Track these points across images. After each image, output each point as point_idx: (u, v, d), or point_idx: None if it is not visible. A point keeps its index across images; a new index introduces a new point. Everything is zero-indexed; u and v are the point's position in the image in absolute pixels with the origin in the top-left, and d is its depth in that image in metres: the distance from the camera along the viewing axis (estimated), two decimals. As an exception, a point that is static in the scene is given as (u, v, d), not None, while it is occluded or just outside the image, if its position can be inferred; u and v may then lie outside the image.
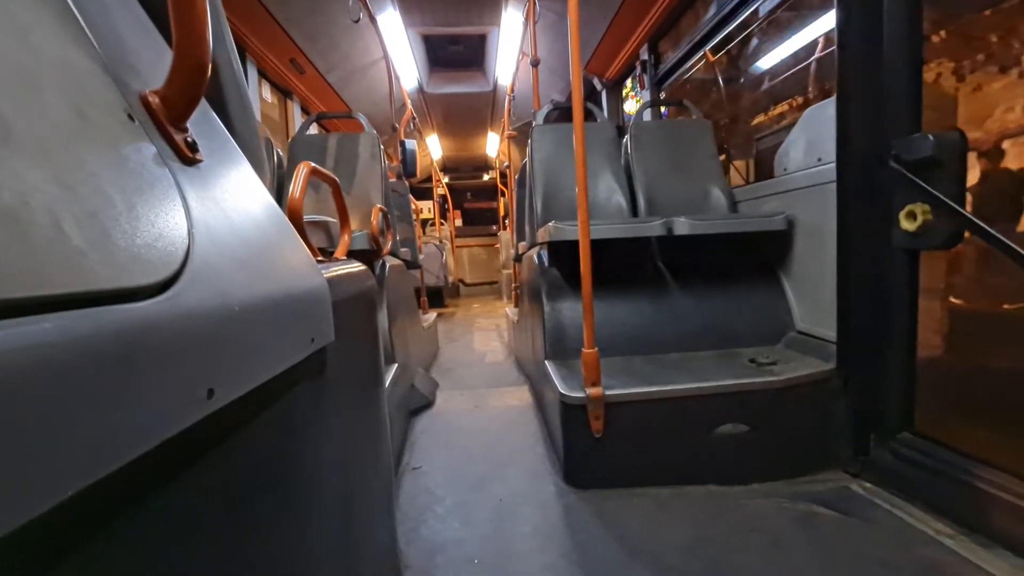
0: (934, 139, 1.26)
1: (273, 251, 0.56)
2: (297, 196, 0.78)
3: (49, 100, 0.32)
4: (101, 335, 0.25)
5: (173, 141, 0.44)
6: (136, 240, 0.32)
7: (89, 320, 0.25)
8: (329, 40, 3.21)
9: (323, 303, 0.64)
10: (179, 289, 0.33)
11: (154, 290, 0.31)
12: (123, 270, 0.29)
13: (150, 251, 0.33)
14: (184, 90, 0.45)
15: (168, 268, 0.33)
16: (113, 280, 0.28)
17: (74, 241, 0.27)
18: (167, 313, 0.31)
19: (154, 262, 0.33)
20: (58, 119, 0.32)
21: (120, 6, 0.51)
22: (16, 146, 0.27)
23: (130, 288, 0.29)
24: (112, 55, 0.43)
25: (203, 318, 0.35)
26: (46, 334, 0.22)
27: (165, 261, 0.34)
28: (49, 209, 0.26)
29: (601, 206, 2.23)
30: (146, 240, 0.33)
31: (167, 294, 0.32)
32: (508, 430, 1.88)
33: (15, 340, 0.20)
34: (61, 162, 0.30)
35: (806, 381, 1.50)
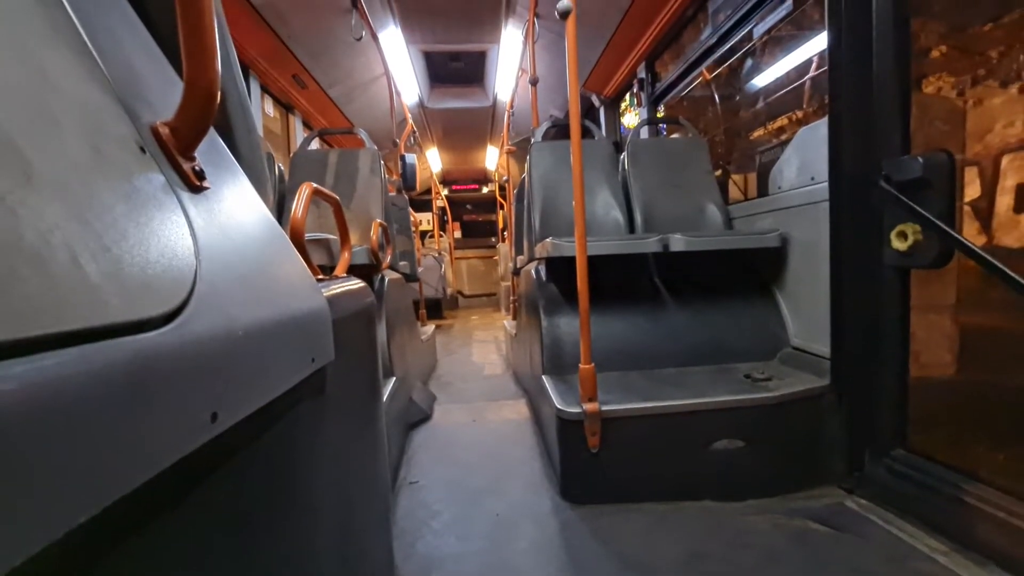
0: (923, 160, 1.29)
1: (275, 273, 0.58)
2: (299, 216, 0.80)
3: (68, 137, 0.34)
4: (112, 368, 0.27)
5: (182, 170, 0.46)
6: (147, 271, 0.34)
7: (101, 354, 0.26)
8: (331, 56, 3.26)
9: (323, 322, 0.66)
10: (186, 317, 0.35)
11: (163, 319, 0.33)
12: (134, 301, 0.31)
13: (159, 281, 0.34)
14: (193, 122, 0.47)
15: (176, 297, 0.35)
16: (125, 312, 0.30)
17: (90, 276, 0.28)
18: (174, 342, 0.33)
19: (163, 292, 0.34)
20: (76, 155, 0.34)
21: (131, 37, 0.54)
22: (38, 185, 0.28)
23: (140, 320, 0.30)
24: (124, 87, 0.45)
25: (208, 345, 0.37)
26: (61, 368, 0.23)
27: (173, 290, 0.35)
28: (68, 245, 0.28)
29: (599, 222, 2.26)
30: (156, 270, 0.35)
31: (175, 323, 0.34)
32: (505, 444, 1.89)
33: (30, 376, 0.22)
34: (79, 197, 0.32)
35: (800, 397, 1.51)
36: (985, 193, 2.08)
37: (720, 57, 2.78)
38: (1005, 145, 1.88)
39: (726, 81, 3.25)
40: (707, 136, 3.52)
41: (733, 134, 3.16)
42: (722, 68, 3.01)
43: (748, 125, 2.94)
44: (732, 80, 3.19)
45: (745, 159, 3.03)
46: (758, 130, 2.99)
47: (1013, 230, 1.80)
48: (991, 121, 2.04)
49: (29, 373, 0.22)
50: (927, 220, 1.26)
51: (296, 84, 3.40)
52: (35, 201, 0.28)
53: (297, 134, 3.88)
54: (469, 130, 5.88)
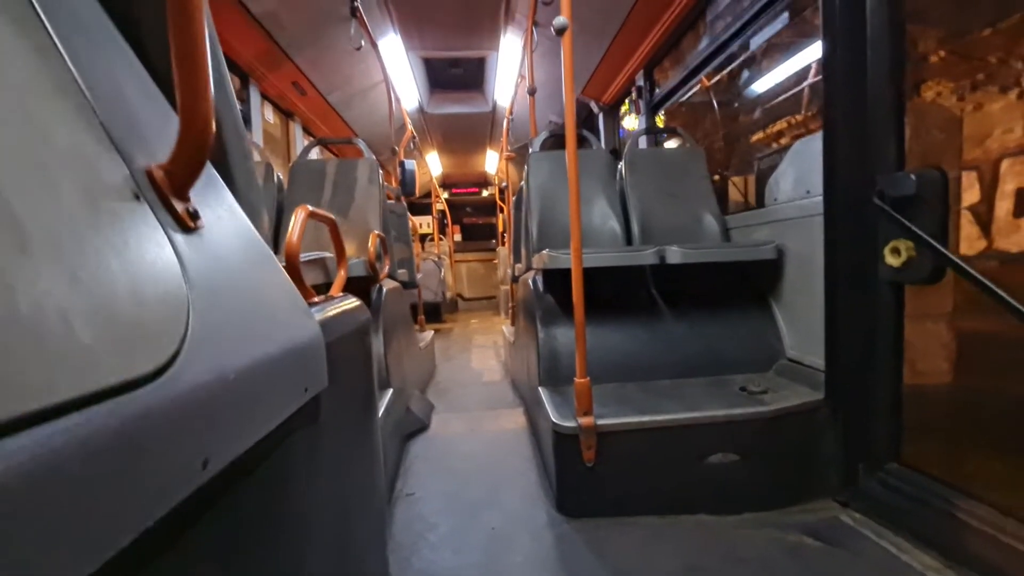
0: (916, 178, 1.30)
1: (268, 305, 0.59)
2: (294, 240, 0.81)
3: (62, 193, 0.35)
4: (102, 433, 0.27)
5: (176, 213, 0.47)
6: (140, 324, 0.34)
7: (91, 422, 0.27)
8: (330, 64, 3.27)
9: (317, 350, 0.67)
10: (177, 368, 0.36)
11: (154, 373, 0.34)
12: (126, 359, 0.32)
13: (152, 333, 0.35)
14: (188, 164, 0.48)
15: (168, 349, 0.36)
16: (117, 372, 0.30)
17: (83, 339, 0.29)
18: (166, 395, 0.33)
19: (155, 344, 0.35)
20: (71, 212, 0.34)
21: (126, 73, 0.54)
22: (34, 253, 0.29)
23: (132, 379, 0.31)
24: (119, 128, 0.46)
25: (199, 393, 0.37)
26: (50, 442, 0.24)
27: (165, 341, 0.36)
28: (62, 311, 0.29)
29: (596, 232, 2.27)
30: (149, 323, 0.35)
31: (166, 375, 0.34)
32: (502, 455, 1.89)
33: (17, 456, 0.22)
34: (73, 258, 0.32)
35: (795, 411, 1.52)
36: (984, 198, 2.09)
37: (719, 65, 2.79)
38: (1004, 150, 1.88)
39: (725, 88, 3.27)
40: (707, 140, 3.55)
41: (733, 139, 3.18)
42: (721, 75, 3.02)
43: (747, 130, 2.95)
44: (731, 87, 3.20)
45: (744, 163, 3.04)
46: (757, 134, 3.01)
47: (1013, 235, 1.80)
48: (990, 126, 2.05)
49: (16, 452, 0.23)
50: (920, 237, 1.27)
51: (296, 91, 3.41)
52: (30, 271, 0.28)
53: (297, 140, 3.90)
54: (469, 135, 5.90)
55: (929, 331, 1.66)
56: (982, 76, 2.07)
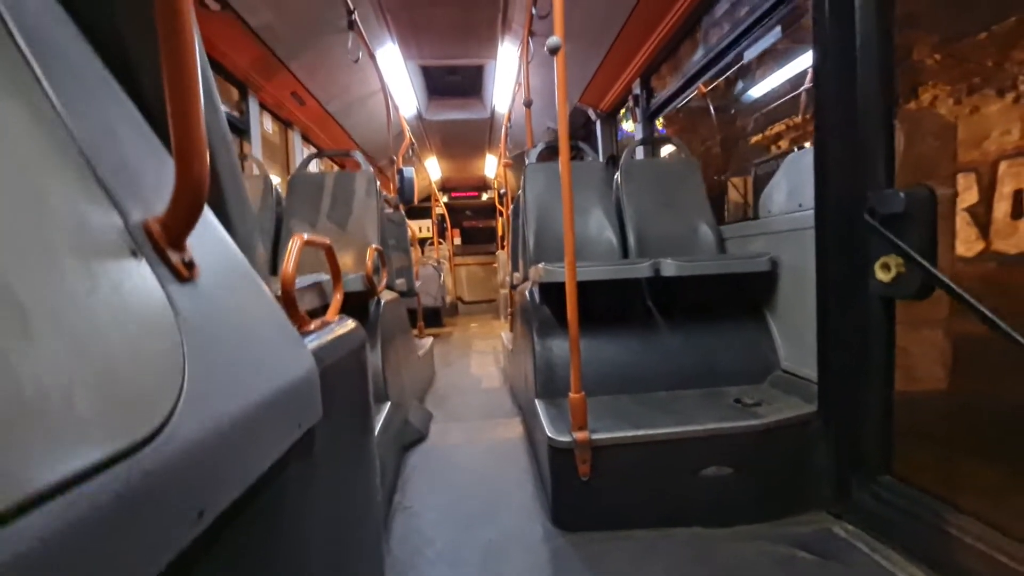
0: (905, 196, 1.31)
1: (263, 344, 0.60)
2: (290, 270, 0.82)
3: (59, 259, 0.36)
4: (101, 503, 0.29)
5: (172, 264, 0.49)
6: (136, 387, 0.36)
7: (86, 497, 0.28)
8: (328, 74, 3.30)
9: (311, 384, 0.68)
10: (173, 426, 0.37)
11: (151, 435, 0.35)
12: (124, 425, 0.33)
13: (149, 394, 0.37)
14: (184, 217, 0.49)
15: (164, 408, 0.38)
16: (114, 440, 0.32)
17: (82, 413, 0.31)
18: (162, 455, 0.35)
19: (152, 405, 0.37)
20: (68, 278, 0.36)
21: (121, 120, 0.56)
22: (31, 324, 0.31)
23: (128, 446, 0.33)
24: (115, 181, 0.47)
25: (195, 448, 0.39)
26: (47, 523, 0.26)
27: (162, 401, 0.38)
28: (62, 385, 0.31)
29: (592, 242, 2.28)
30: (145, 384, 0.37)
31: (162, 435, 0.36)
32: (500, 466, 1.91)
33: (14, 544, 0.24)
34: (71, 326, 0.34)
35: (788, 424, 1.53)
36: (983, 200, 2.10)
37: (715, 74, 2.81)
38: (1002, 152, 1.89)
39: (722, 93, 3.29)
40: (704, 145, 3.57)
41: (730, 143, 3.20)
42: (718, 81, 3.04)
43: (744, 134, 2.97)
44: (728, 92, 3.22)
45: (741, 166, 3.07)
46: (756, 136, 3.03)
47: (1011, 236, 1.82)
48: (988, 128, 2.06)
49: (13, 538, 0.24)
50: (908, 255, 1.29)
51: (294, 100, 3.43)
52: (29, 348, 0.30)
53: (296, 148, 3.92)
54: (468, 140, 5.92)
55: (925, 337, 1.67)
56: (979, 79, 2.09)
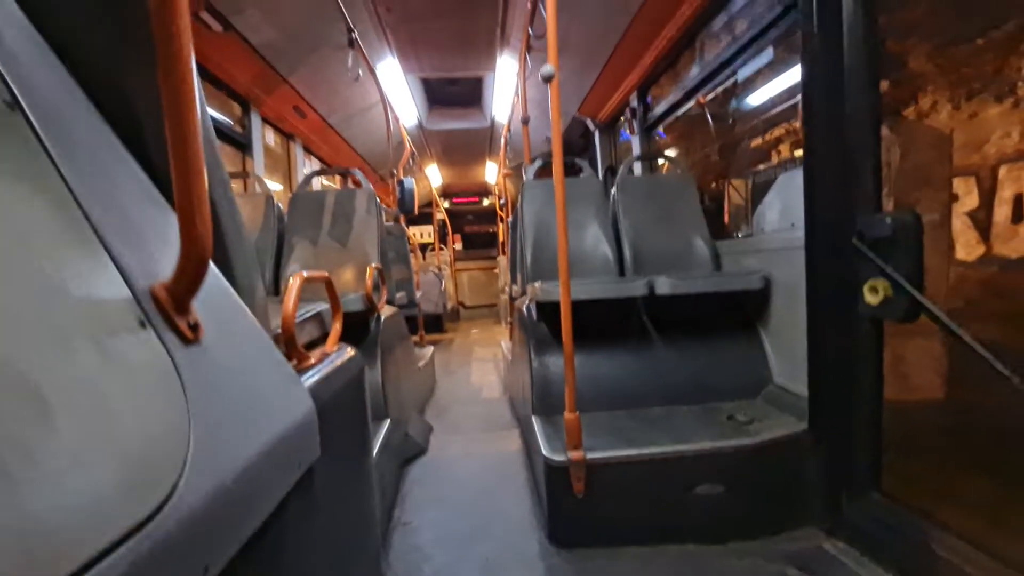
0: (891, 221, 1.34)
1: (263, 394, 0.64)
2: (290, 309, 0.86)
3: (73, 343, 0.40)
4: None
5: (178, 328, 0.52)
6: (144, 461, 0.39)
7: (104, 571, 0.32)
8: (329, 88, 3.34)
9: (309, 425, 0.72)
10: (179, 497, 0.41)
11: (158, 507, 0.39)
12: (134, 500, 0.37)
13: (156, 465, 0.40)
14: (188, 282, 0.52)
15: (170, 479, 0.41)
16: (125, 516, 0.35)
17: (97, 492, 0.34)
18: (169, 523, 0.39)
19: (159, 478, 0.40)
20: (83, 362, 0.40)
21: (127, 182, 0.59)
22: (48, 411, 0.34)
23: (138, 521, 0.36)
24: (122, 247, 0.50)
25: (200, 511, 0.42)
26: None
27: (168, 473, 0.41)
28: (76, 467, 0.34)
29: (588, 257, 2.32)
30: (152, 456, 0.40)
31: (168, 505, 0.39)
32: (498, 481, 1.94)
33: None
34: (84, 405, 0.37)
35: (779, 442, 1.56)
36: (983, 203, 2.12)
37: (712, 85, 2.84)
38: (1002, 155, 1.92)
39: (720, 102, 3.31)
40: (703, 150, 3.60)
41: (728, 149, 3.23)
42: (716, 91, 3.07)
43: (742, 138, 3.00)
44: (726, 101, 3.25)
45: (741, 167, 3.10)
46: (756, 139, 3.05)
47: (1011, 240, 1.84)
48: (987, 132, 2.08)
49: None
50: (895, 280, 1.32)
51: (296, 114, 3.48)
52: (49, 437, 0.33)
53: (298, 159, 3.97)
54: (468, 148, 5.97)
55: (920, 346, 1.70)
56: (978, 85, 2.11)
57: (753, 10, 2.37)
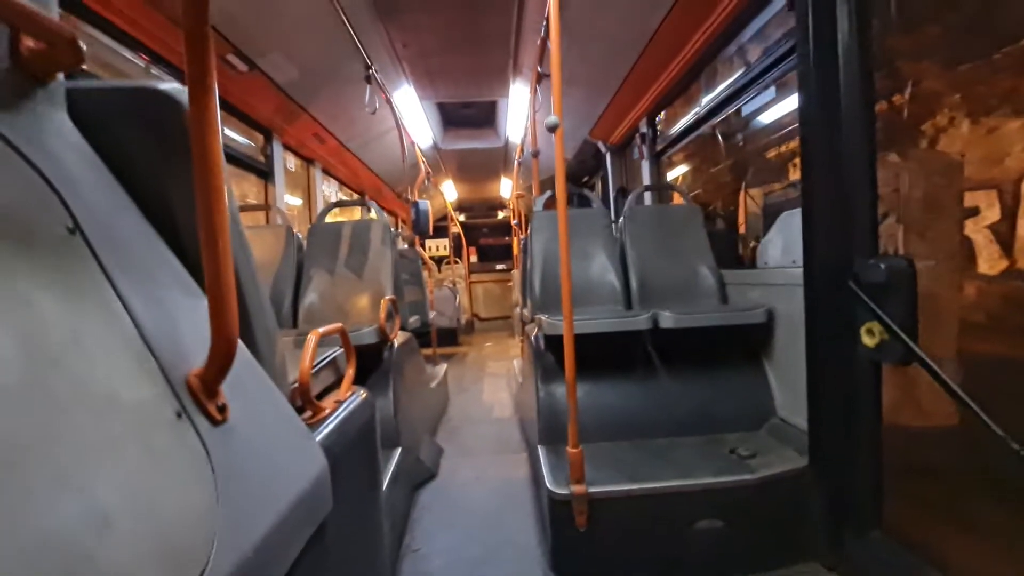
0: (885, 267, 1.38)
1: (282, 460, 0.71)
2: (307, 366, 0.93)
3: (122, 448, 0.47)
4: None
5: (208, 410, 0.60)
6: (179, 544, 0.47)
7: None
8: (348, 116, 3.47)
9: (323, 481, 0.79)
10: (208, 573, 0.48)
11: None
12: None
13: (189, 548, 0.48)
14: (218, 369, 0.60)
15: (200, 560, 0.48)
16: None
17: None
18: None
19: (192, 560, 0.47)
20: (131, 465, 0.47)
21: (166, 276, 0.67)
22: (113, 523, 0.42)
23: None
24: (162, 343, 0.58)
25: None
26: None
27: (198, 555, 0.48)
28: (123, 560, 0.41)
29: (595, 288, 2.37)
30: (185, 540, 0.48)
31: None
32: (506, 508, 2.00)
33: None
34: (131, 506, 0.45)
35: (781, 478, 1.59)
36: (1005, 216, 2.11)
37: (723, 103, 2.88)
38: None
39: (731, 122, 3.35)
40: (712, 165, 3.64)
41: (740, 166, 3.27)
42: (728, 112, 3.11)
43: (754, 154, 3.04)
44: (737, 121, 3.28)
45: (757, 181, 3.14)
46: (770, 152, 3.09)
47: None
48: (1008, 145, 2.08)
49: None
50: (889, 325, 1.35)
51: (316, 140, 3.62)
52: (111, 541, 0.41)
53: (317, 182, 4.11)
54: (483, 166, 6.08)
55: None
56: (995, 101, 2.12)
57: (762, 41, 2.41)
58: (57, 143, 0.58)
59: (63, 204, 0.54)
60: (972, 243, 2.17)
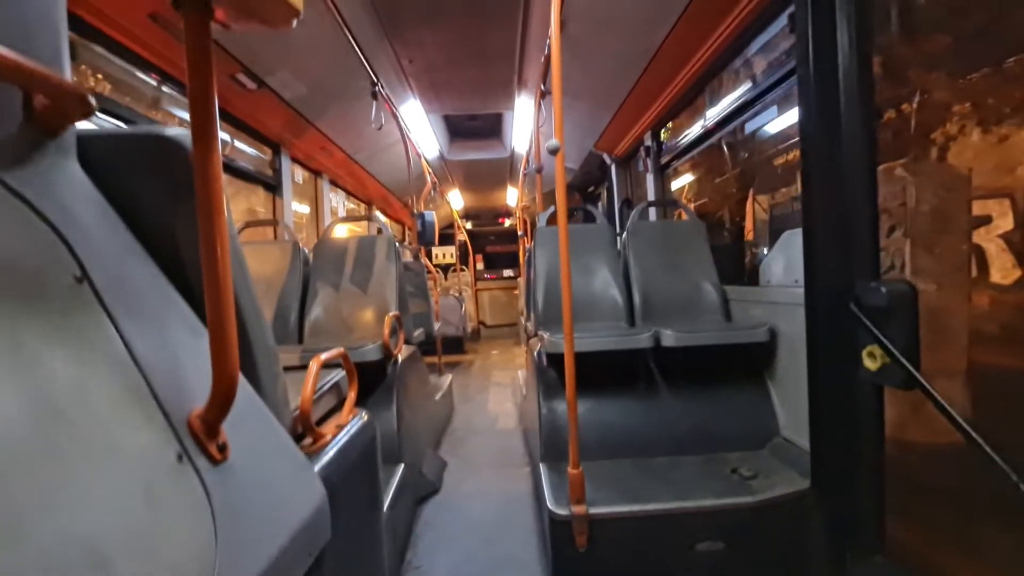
0: (886, 291, 1.37)
1: (281, 494, 0.73)
2: (308, 394, 0.95)
3: (130, 500, 0.49)
4: None
5: (208, 451, 0.61)
6: None
7: None
8: (355, 131, 3.51)
9: (321, 512, 0.80)
10: None
11: None
12: None
13: None
14: (219, 410, 0.62)
15: None
16: None
17: None
18: None
19: None
20: (129, 503, 0.49)
21: (171, 316, 0.69)
22: (104, 558, 0.43)
23: None
24: (165, 386, 0.60)
25: None
26: None
27: None
28: None
29: (598, 303, 2.38)
30: None
31: None
32: (508, 524, 2.00)
33: None
34: (133, 550, 0.46)
35: (782, 500, 1.58)
36: (1019, 225, 2.10)
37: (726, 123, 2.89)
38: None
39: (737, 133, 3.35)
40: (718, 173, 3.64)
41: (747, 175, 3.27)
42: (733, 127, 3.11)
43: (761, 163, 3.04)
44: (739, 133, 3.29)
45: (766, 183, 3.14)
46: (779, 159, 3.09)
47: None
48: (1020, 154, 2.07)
49: None
50: (890, 350, 1.34)
51: (323, 153, 3.66)
52: None
53: (324, 192, 4.15)
54: (489, 175, 6.12)
55: (942, 387, 1.70)
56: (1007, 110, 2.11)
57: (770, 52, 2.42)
58: (67, 192, 0.60)
59: (72, 254, 0.56)
60: (985, 252, 2.15)
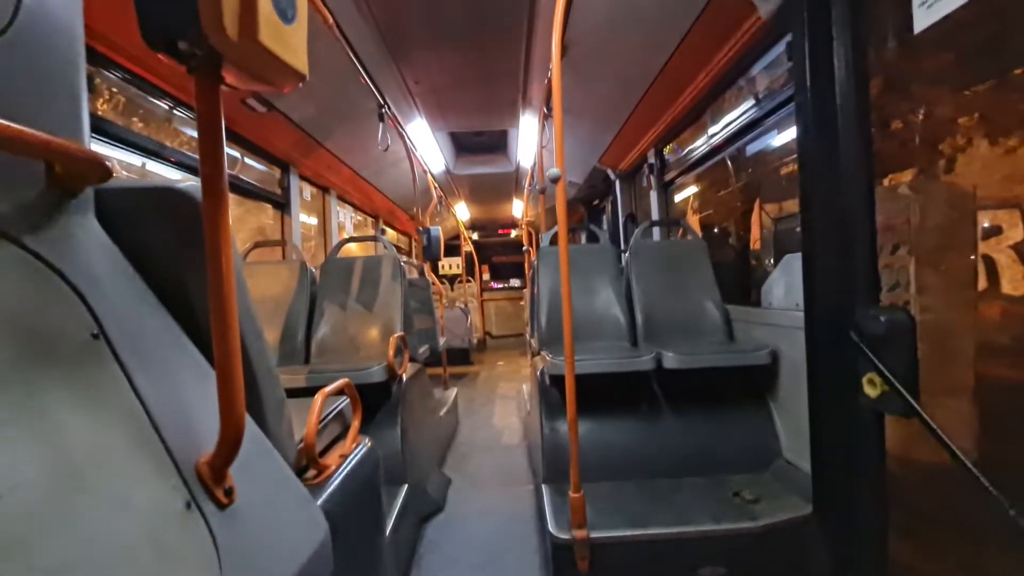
0: (885, 320, 1.38)
1: (284, 533, 0.75)
2: (312, 427, 0.98)
3: (140, 553, 0.52)
4: None
5: (215, 496, 0.64)
6: None
7: None
8: (362, 149, 3.57)
9: (323, 547, 0.83)
10: None
11: None
12: None
13: None
14: (227, 456, 0.65)
15: None
16: None
17: None
18: None
19: None
20: (140, 552, 0.51)
21: (180, 364, 0.72)
22: None
23: None
24: (174, 433, 0.63)
25: None
26: None
27: None
28: None
29: (600, 323, 2.40)
30: None
31: None
32: (511, 544, 2.01)
33: None
34: None
35: (784, 526, 1.59)
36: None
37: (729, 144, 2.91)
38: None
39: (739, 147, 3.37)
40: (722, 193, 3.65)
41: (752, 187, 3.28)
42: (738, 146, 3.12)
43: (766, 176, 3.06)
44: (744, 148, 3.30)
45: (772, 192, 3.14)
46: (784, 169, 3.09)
47: None
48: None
49: None
50: (888, 379, 1.35)
51: (331, 171, 3.73)
52: None
53: (332, 207, 4.21)
54: (494, 189, 6.18)
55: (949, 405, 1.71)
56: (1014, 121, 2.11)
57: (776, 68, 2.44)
58: (85, 249, 0.64)
59: (89, 311, 0.59)
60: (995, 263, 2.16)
